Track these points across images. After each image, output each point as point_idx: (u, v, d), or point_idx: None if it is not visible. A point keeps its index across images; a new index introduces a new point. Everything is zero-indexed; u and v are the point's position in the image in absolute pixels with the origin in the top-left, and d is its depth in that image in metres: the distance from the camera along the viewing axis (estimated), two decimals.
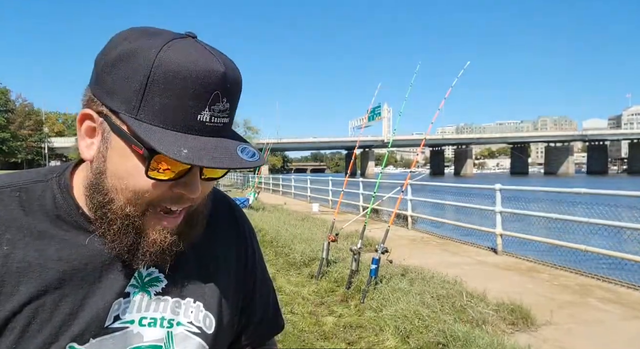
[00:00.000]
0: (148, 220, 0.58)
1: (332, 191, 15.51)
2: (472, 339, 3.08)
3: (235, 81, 0.56)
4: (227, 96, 0.55)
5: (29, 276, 0.55)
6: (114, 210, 0.57)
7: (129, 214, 0.57)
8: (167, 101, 0.52)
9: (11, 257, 0.55)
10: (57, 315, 0.55)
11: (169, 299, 0.64)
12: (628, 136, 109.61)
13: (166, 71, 0.51)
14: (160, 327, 0.63)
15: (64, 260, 0.57)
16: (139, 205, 0.57)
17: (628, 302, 4.39)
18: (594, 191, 5.78)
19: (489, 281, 5.07)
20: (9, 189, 0.60)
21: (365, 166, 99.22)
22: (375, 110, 62.42)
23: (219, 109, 0.54)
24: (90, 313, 0.57)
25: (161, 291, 0.64)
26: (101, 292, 0.59)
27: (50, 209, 0.60)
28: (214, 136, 0.54)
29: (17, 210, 0.59)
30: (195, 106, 0.52)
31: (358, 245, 4.75)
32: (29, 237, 0.57)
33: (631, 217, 5.50)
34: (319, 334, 3.57)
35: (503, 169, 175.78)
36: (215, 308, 0.68)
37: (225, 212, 0.79)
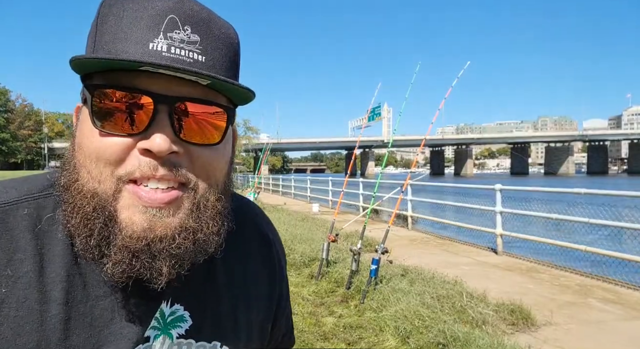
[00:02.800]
0: (124, 199, 0.48)
1: (332, 191, 15.50)
2: (472, 340, 3.08)
3: (201, 12, 0.49)
4: (192, 26, 0.48)
5: (28, 327, 0.46)
6: (79, 188, 0.48)
7: (96, 191, 0.48)
8: (115, 35, 0.47)
9: (7, 303, 0.46)
10: None
11: (193, 343, 0.56)
12: (628, 136, 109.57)
13: (112, 4, 0.48)
14: None
15: (69, 304, 0.48)
16: (107, 180, 0.47)
17: (628, 302, 4.38)
18: (594, 191, 5.77)
19: (489, 281, 5.06)
20: (16, 205, 0.51)
21: (365, 166, 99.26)
22: (375, 110, 62.37)
23: (181, 39, 0.47)
24: None
25: (184, 333, 0.55)
26: (115, 340, 0.50)
27: (62, 235, 0.51)
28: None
29: (25, 235, 0.49)
30: (145, 32, 0.46)
31: (358, 245, 4.75)
32: (34, 272, 0.48)
33: (631, 217, 5.50)
34: (319, 334, 3.57)
35: (503, 169, 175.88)
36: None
37: (263, 241, 0.68)
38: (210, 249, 0.52)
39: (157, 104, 0.47)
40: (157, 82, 0.47)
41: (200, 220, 0.50)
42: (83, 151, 0.48)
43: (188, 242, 0.49)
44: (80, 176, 0.49)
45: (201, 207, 0.50)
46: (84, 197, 0.48)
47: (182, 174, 0.49)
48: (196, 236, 0.50)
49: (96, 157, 0.47)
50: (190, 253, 0.50)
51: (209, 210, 0.51)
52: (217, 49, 0.50)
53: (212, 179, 0.52)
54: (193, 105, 0.49)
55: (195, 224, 0.50)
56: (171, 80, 0.47)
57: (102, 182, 0.48)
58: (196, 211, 0.50)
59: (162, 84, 0.47)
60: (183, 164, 0.49)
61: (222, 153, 0.53)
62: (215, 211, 0.52)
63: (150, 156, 0.47)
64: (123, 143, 0.47)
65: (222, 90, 0.50)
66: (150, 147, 0.46)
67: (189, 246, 0.49)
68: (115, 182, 0.47)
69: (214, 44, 0.50)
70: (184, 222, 0.49)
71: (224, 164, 0.54)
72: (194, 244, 0.50)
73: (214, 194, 0.52)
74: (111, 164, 0.47)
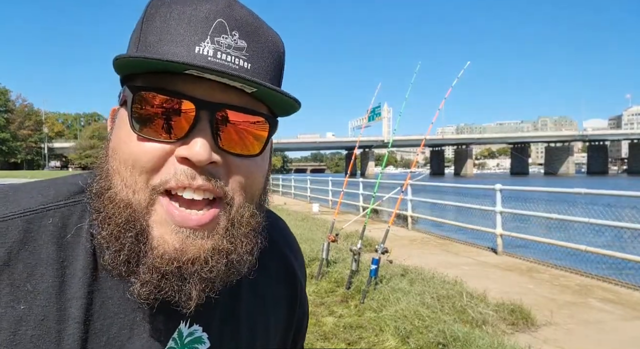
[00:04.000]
0: (157, 214, 0.45)
1: (332, 191, 15.51)
2: (472, 340, 3.08)
3: (250, 18, 0.48)
4: (240, 31, 0.46)
5: (45, 346, 0.44)
6: (112, 197, 0.46)
7: (130, 202, 0.45)
8: (161, 36, 0.45)
9: (25, 321, 0.44)
10: None
11: None
12: (628, 136, 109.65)
13: (159, 5, 0.47)
14: None
15: (87, 323, 0.46)
16: (141, 190, 0.45)
17: (628, 302, 4.39)
18: (594, 191, 5.78)
19: (489, 281, 5.07)
20: (41, 213, 0.48)
21: (365, 166, 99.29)
22: (375, 110, 62.33)
23: (228, 44, 0.45)
24: None
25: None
26: None
27: (84, 245, 0.48)
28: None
29: (48, 247, 0.47)
30: (192, 35, 0.45)
31: (358, 245, 4.75)
32: (54, 288, 0.46)
33: (632, 217, 5.50)
34: (319, 334, 3.57)
35: (503, 169, 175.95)
36: None
37: (286, 264, 0.66)
38: (243, 270, 0.50)
39: (199, 111, 0.45)
40: (200, 88, 0.45)
41: (235, 239, 0.48)
42: (118, 156, 0.46)
43: (221, 265, 0.47)
44: (114, 184, 0.46)
45: (236, 224, 0.48)
46: (117, 207, 0.46)
47: (220, 185, 0.46)
48: (229, 257, 0.47)
49: (132, 163, 0.45)
50: (223, 276, 0.47)
51: (244, 227, 0.49)
52: (264, 57, 0.49)
53: (248, 193, 0.49)
54: (236, 113, 0.47)
55: (230, 244, 0.47)
56: (215, 86, 0.45)
57: (136, 192, 0.45)
58: (231, 229, 0.48)
59: (206, 90, 0.45)
60: (221, 175, 0.46)
61: (260, 165, 0.51)
62: (249, 228, 0.49)
63: (188, 164, 0.45)
64: (161, 149, 0.45)
65: (266, 99, 0.48)
66: (189, 155, 0.44)
67: (222, 269, 0.47)
68: (150, 192, 0.45)
69: (261, 51, 0.48)
70: (218, 244, 0.47)
71: (261, 177, 0.51)
72: (226, 266, 0.47)
73: (250, 209, 0.50)
74: (147, 171, 0.45)
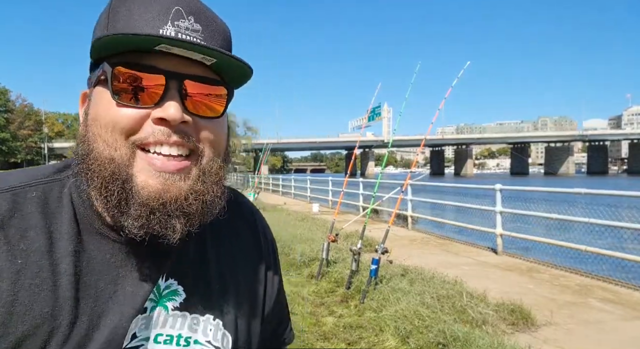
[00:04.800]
0: (137, 164, 0.53)
1: (332, 191, 15.51)
2: (472, 340, 3.08)
3: (201, 6, 0.57)
4: (194, 16, 0.55)
5: (43, 294, 0.51)
6: (97, 157, 0.53)
7: (112, 157, 0.52)
8: (128, 23, 0.53)
9: (23, 273, 0.51)
10: (73, 337, 0.51)
11: (187, 315, 0.60)
12: (628, 136, 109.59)
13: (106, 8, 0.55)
14: (177, 345, 0.58)
15: (78, 275, 0.53)
16: (122, 146, 0.52)
17: (628, 302, 4.39)
18: (594, 191, 5.78)
19: (489, 281, 5.07)
20: (24, 189, 0.56)
21: (365, 166, 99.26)
22: (375, 110, 62.24)
23: (186, 27, 0.53)
24: (106, 334, 0.53)
25: (179, 305, 0.60)
26: (118, 309, 0.54)
27: (67, 213, 0.56)
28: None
29: (35, 215, 0.54)
30: (155, 20, 0.52)
31: (358, 245, 4.75)
32: (45, 247, 0.53)
33: (631, 217, 5.50)
34: (319, 334, 3.57)
35: (503, 169, 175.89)
36: (233, 327, 0.64)
37: (250, 224, 0.74)
38: (215, 211, 0.58)
39: (169, 81, 0.53)
40: (168, 62, 0.53)
41: (207, 184, 0.56)
42: (99, 122, 0.53)
43: (198, 203, 0.55)
44: (96, 146, 0.53)
45: (207, 173, 0.56)
46: (102, 164, 0.53)
47: (192, 141, 0.55)
48: (204, 198, 0.56)
49: (112, 126, 0.52)
50: (200, 213, 0.55)
51: (213, 176, 0.57)
52: (216, 38, 0.56)
53: (215, 149, 0.58)
54: (198, 83, 0.55)
55: (203, 187, 0.56)
56: (180, 60, 0.53)
57: (117, 149, 0.52)
58: (203, 176, 0.56)
59: (173, 64, 0.53)
60: (191, 133, 0.55)
61: (223, 126, 0.60)
62: (218, 178, 0.58)
63: (164, 124, 0.53)
64: (138, 113, 0.53)
65: (222, 70, 0.56)
66: (165, 115, 0.52)
67: (199, 207, 0.55)
68: (130, 147, 0.53)
69: (213, 33, 0.56)
70: (193, 186, 0.55)
71: (224, 136, 0.60)
72: (202, 204, 0.55)
73: (217, 162, 0.58)
74: (126, 132, 0.52)
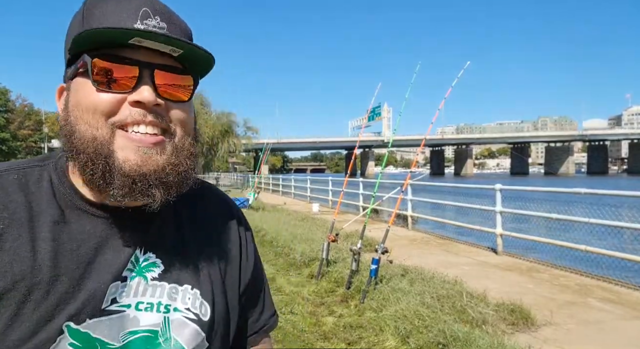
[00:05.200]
0: (117, 142, 0.59)
1: (332, 191, 15.51)
2: (472, 340, 3.08)
3: (166, 8, 0.64)
4: (160, 16, 0.62)
5: (22, 256, 0.55)
6: (80, 137, 0.59)
7: (95, 136, 0.58)
8: (101, 22, 0.60)
9: (4, 237, 0.56)
10: (53, 294, 0.55)
11: (166, 285, 0.64)
12: (628, 136, 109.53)
13: (97, 2, 0.61)
14: (157, 312, 0.62)
15: (57, 241, 0.58)
16: (103, 126, 0.59)
17: (628, 302, 4.39)
18: (594, 191, 5.78)
19: (489, 281, 5.07)
20: (6, 172, 0.62)
21: (365, 166, 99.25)
22: (375, 110, 62.28)
23: (153, 25, 0.60)
24: (86, 294, 0.57)
25: (158, 276, 0.64)
26: (97, 273, 0.59)
27: (47, 192, 0.62)
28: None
29: (16, 193, 0.60)
30: (126, 19, 0.59)
31: (358, 245, 4.75)
32: (26, 218, 0.58)
33: (631, 217, 5.50)
34: (319, 334, 3.57)
35: (503, 169, 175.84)
36: (210, 297, 0.68)
37: (221, 204, 0.81)
38: (189, 182, 0.65)
39: (142, 70, 0.60)
40: (141, 54, 0.60)
41: (180, 158, 0.63)
42: (81, 107, 0.60)
43: (174, 174, 0.62)
44: (79, 128, 0.59)
45: (179, 148, 0.63)
46: (85, 143, 0.58)
47: (165, 121, 0.62)
48: (179, 169, 0.62)
49: (93, 109, 0.59)
50: (176, 183, 0.62)
51: (185, 151, 0.64)
52: (179, 34, 0.63)
53: (185, 128, 0.64)
54: (167, 72, 0.62)
55: (177, 160, 0.62)
56: (150, 52, 0.60)
57: (99, 129, 0.59)
58: (176, 152, 0.63)
59: (145, 55, 0.60)
60: (164, 114, 0.62)
61: (190, 109, 0.66)
62: (189, 153, 0.65)
63: (139, 106, 0.59)
64: (116, 97, 0.59)
65: (187, 61, 0.63)
66: (140, 98, 0.59)
67: (175, 177, 0.62)
68: (110, 127, 0.59)
69: (176, 31, 0.63)
70: (169, 159, 0.62)
71: (192, 117, 0.67)
72: (178, 175, 0.62)
73: (188, 140, 0.65)
74: (106, 114, 0.59)
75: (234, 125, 36.76)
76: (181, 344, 0.63)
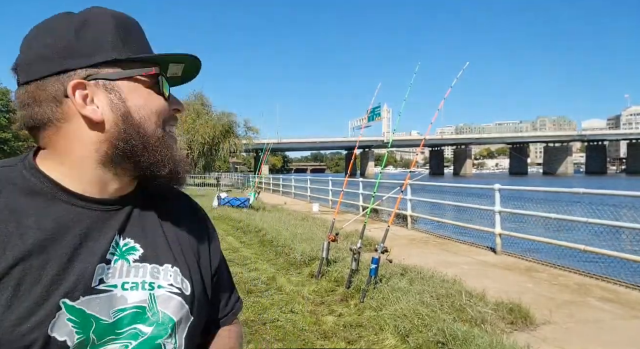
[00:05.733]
0: (168, 139, 0.71)
1: (332, 191, 15.51)
2: (471, 338, 3.09)
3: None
4: None
5: (12, 243, 0.58)
6: (151, 135, 0.68)
7: (159, 136, 0.69)
8: (135, 38, 0.69)
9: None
10: (46, 275, 0.58)
11: (147, 266, 0.69)
12: (627, 136, 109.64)
13: (120, 18, 0.68)
14: (142, 290, 0.67)
15: (42, 229, 0.60)
16: (161, 127, 0.69)
17: (627, 301, 4.40)
18: (593, 191, 5.80)
19: (488, 280, 5.09)
20: None
21: (365, 166, 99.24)
22: (375, 110, 62.24)
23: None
24: (77, 273, 0.61)
25: (139, 258, 0.69)
26: (84, 256, 0.62)
27: (22, 186, 0.64)
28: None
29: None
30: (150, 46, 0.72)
31: (358, 245, 4.76)
32: (6, 212, 0.60)
33: (630, 216, 5.52)
34: (319, 333, 3.59)
35: (502, 169, 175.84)
36: (188, 275, 0.73)
37: (190, 201, 0.88)
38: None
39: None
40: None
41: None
42: (147, 108, 0.68)
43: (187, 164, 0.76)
44: (148, 128, 0.68)
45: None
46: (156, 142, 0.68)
47: None
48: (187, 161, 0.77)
49: (160, 112, 0.70)
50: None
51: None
52: None
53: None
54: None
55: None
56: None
57: (160, 129, 0.70)
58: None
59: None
60: None
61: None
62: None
63: (177, 113, 0.75)
64: (167, 105, 0.72)
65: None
66: (180, 107, 0.75)
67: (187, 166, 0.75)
68: (162, 128, 0.70)
69: None
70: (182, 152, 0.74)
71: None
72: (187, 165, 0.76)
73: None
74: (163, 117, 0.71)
75: (234, 125, 36.75)
76: (169, 315, 0.68)
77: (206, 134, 33.25)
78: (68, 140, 0.65)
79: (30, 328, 0.55)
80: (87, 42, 0.65)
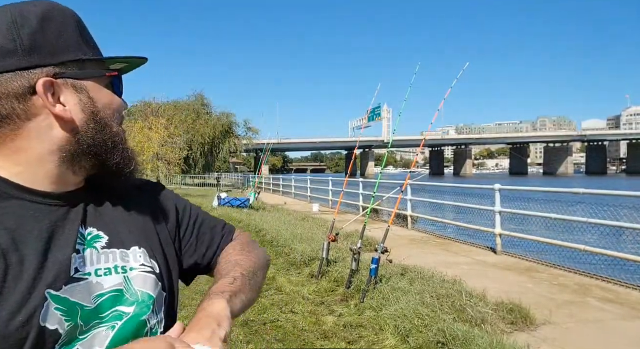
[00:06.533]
0: (126, 137, 0.74)
1: (332, 191, 15.51)
2: (471, 339, 3.09)
3: None
4: None
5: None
6: (115, 133, 0.71)
7: (121, 134, 0.72)
8: (89, 36, 0.71)
9: None
10: (27, 269, 0.59)
11: (116, 251, 0.71)
12: (627, 136, 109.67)
13: (74, 14, 0.70)
14: (116, 274, 0.69)
15: (9, 229, 0.60)
16: (119, 125, 0.73)
17: (627, 301, 4.40)
18: (593, 191, 5.80)
19: (488, 280, 5.09)
20: None
21: (365, 166, 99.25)
22: (375, 110, 62.29)
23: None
24: (56, 264, 0.62)
25: (106, 245, 0.71)
26: (58, 248, 0.64)
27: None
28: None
29: None
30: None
31: (358, 245, 4.76)
32: None
33: (629, 216, 5.52)
34: (319, 333, 3.59)
35: (502, 169, 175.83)
36: (153, 254, 0.76)
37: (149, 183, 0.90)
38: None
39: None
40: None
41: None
42: (112, 107, 0.72)
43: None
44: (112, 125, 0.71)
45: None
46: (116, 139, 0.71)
47: None
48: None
49: (119, 109, 0.74)
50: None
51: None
52: None
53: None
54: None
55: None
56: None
57: (118, 125, 0.73)
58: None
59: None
60: None
61: None
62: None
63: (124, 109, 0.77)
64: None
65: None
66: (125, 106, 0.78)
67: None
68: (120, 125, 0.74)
69: None
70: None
71: None
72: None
73: None
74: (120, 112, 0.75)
75: (234, 125, 36.77)
76: (147, 293, 0.70)
77: (206, 134, 33.27)
78: (27, 138, 0.63)
79: (23, 320, 0.56)
80: (52, 38, 0.64)
